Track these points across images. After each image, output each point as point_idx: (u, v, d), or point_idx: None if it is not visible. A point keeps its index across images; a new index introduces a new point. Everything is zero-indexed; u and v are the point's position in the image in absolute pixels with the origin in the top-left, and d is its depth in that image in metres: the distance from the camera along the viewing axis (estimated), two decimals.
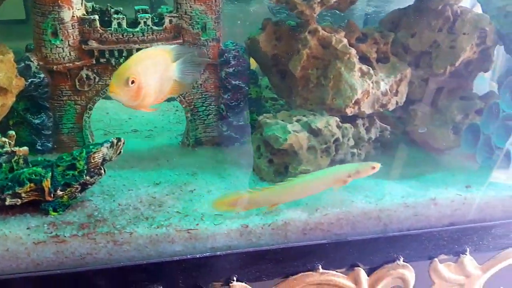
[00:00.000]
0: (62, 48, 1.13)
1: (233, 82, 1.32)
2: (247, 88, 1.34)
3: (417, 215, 1.13)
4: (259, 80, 1.47)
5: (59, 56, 1.13)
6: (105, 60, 1.19)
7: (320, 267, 1.07)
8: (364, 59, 1.34)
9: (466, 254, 1.16)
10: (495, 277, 1.23)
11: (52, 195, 0.95)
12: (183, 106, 1.32)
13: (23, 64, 1.12)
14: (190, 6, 1.19)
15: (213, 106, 1.37)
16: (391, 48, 1.40)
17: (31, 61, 1.12)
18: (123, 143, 1.00)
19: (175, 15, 1.20)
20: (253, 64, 1.42)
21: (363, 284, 1.11)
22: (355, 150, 1.31)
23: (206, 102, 1.36)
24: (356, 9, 1.70)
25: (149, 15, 1.18)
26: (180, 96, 1.31)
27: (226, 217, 1.03)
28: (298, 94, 1.33)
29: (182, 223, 1.00)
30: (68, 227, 0.96)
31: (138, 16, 1.17)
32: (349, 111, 1.28)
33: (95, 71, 1.20)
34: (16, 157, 0.97)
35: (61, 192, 0.95)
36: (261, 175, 1.23)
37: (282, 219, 1.05)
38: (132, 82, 0.92)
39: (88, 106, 1.23)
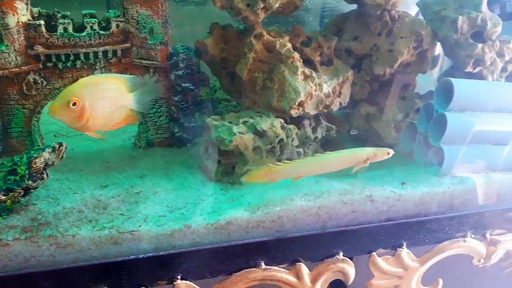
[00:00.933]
0: (8, 54, 1.13)
1: (183, 84, 1.36)
2: (196, 90, 1.38)
3: (354, 212, 1.19)
4: (210, 82, 1.50)
5: (5, 61, 1.14)
6: (52, 64, 1.20)
7: (262, 263, 1.13)
8: (308, 62, 1.40)
9: (402, 248, 1.23)
10: (433, 269, 1.30)
11: None
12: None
13: None
14: (137, 11, 1.22)
15: (164, 108, 1.40)
16: (335, 51, 1.46)
17: None
18: (65, 147, 1.02)
19: (121, 19, 1.22)
20: None
21: (305, 279, 1.17)
22: (300, 149, 1.37)
23: (156, 104, 1.39)
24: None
25: (95, 19, 1.20)
26: None
27: (169, 218, 1.07)
28: (246, 96, 1.38)
29: (125, 225, 1.03)
30: (11, 231, 0.97)
31: (84, 20, 1.19)
32: (294, 113, 1.33)
33: (42, 75, 1.21)
34: None
35: (3, 197, 0.97)
36: (209, 175, 1.27)
37: (225, 219, 1.09)
38: (74, 104, 0.95)
39: (36, 110, 1.24)
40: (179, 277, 1.06)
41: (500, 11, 1.53)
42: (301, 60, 1.34)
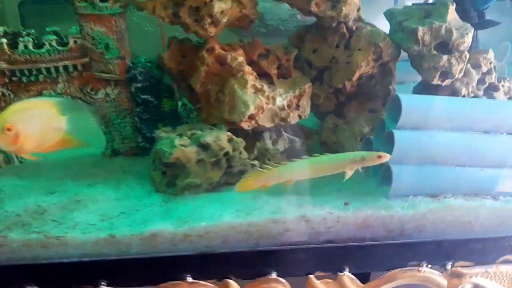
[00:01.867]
0: None
1: (142, 96, 1.41)
2: (156, 102, 1.43)
3: (288, 231, 1.16)
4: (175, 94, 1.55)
5: None
6: (17, 79, 1.31)
7: (189, 277, 1.14)
8: (265, 75, 1.40)
9: (344, 273, 1.18)
10: None
11: None
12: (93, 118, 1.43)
13: None
14: (91, 28, 1.29)
15: (129, 119, 1.46)
16: (298, 63, 1.44)
17: None
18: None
19: (78, 36, 1.30)
20: None
21: None
22: (255, 162, 1.36)
23: (121, 115, 1.45)
24: None
25: (53, 37, 1.29)
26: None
27: (98, 227, 1.12)
28: (203, 108, 1.40)
29: (54, 230, 1.09)
30: None
31: (43, 38, 1.28)
32: (246, 125, 1.33)
33: (9, 88, 1.32)
34: None
35: None
36: (155, 186, 1.31)
37: (150, 230, 1.11)
38: (8, 129, 1.04)
39: None
40: (104, 283, 1.12)
41: (478, 19, 1.41)
42: (254, 74, 1.34)
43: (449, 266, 1.21)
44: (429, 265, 1.21)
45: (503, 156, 1.22)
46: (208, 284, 1.15)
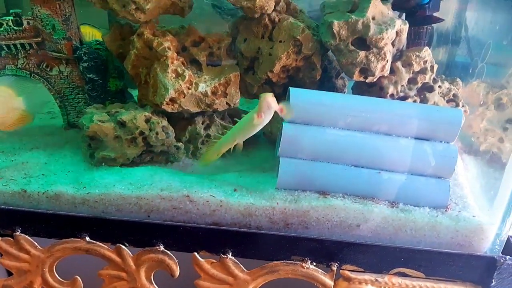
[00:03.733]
0: None
1: (88, 75, 1.55)
2: (101, 81, 1.56)
3: (175, 208, 1.23)
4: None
5: None
6: None
7: (87, 237, 1.26)
8: (195, 61, 1.45)
9: (227, 256, 1.22)
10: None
11: None
12: (51, 93, 1.60)
13: None
14: (39, 11, 1.44)
15: (81, 95, 1.61)
16: (232, 52, 1.47)
17: None
18: None
19: (30, 18, 1.47)
20: None
21: (128, 261, 1.27)
22: (180, 144, 1.44)
23: (74, 92, 1.61)
24: None
25: (10, 17, 1.46)
26: (49, 85, 1.58)
27: (17, 182, 1.29)
28: (138, 90, 1.50)
29: None
30: None
31: (1, 19, 1.47)
32: (169, 108, 1.40)
33: None
34: None
35: None
36: (83, 156, 1.44)
37: (53, 190, 1.26)
38: None
39: None
40: (18, 230, 1.28)
41: (417, 14, 1.32)
42: (180, 59, 1.41)
43: (334, 267, 1.19)
44: (314, 263, 1.20)
45: (402, 160, 1.16)
46: (104, 245, 1.26)
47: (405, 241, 1.17)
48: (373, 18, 1.25)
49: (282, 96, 1.51)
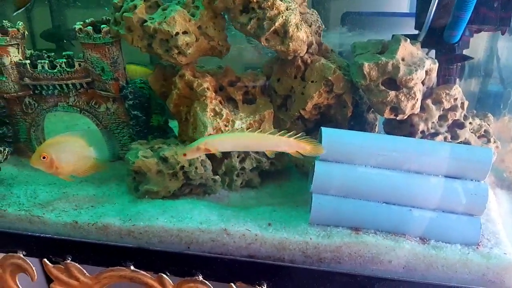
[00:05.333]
0: (8, 83, 1.63)
1: (133, 112, 1.66)
2: (144, 117, 1.67)
3: (213, 241, 1.30)
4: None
5: (7, 88, 1.64)
6: (39, 91, 1.66)
7: (132, 265, 1.35)
8: (232, 100, 1.54)
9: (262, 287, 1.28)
10: None
11: None
12: (99, 128, 1.72)
13: None
14: (90, 54, 1.58)
15: (126, 130, 1.73)
16: (266, 90, 1.56)
17: None
18: (8, 151, 1.47)
19: (81, 60, 1.60)
20: None
21: None
22: (217, 177, 1.52)
23: (119, 126, 1.73)
24: None
25: (63, 60, 1.61)
26: (97, 121, 1.71)
27: (69, 213, 1.40)
28: (178, 126, 1.60)
29: (35, 211, 1.41)
30: None
31: (55, 61, 1.61)
32: None
33: (34, 99, 1.68)
34: None
35: None
36: (128, 188, 1.55)
37: (102, 222, 1.36)
38: (44, 157, 1.39)
39: (32, 124, 1.72)
40: (69, 258, 1.39)
41: (449, 53, 1.36)
42: (218, 98, 1.50)
43: None
44: None
45: (432, 198, 1.19)
46: (147, 274, 1.35)
47: (437, 277, 1.19)
48: (403, 59, 1.31)
49: (313, 131, 1.58)
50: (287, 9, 1.35)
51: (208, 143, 1.26)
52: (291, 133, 1.23)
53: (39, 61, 1.61)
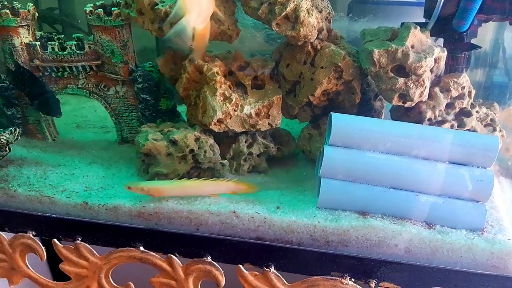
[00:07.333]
0: None
1: (142, 96, 1.67)
2: (153, 101, 1.68)
3: (222, 223, 1.32)
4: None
5: None
6: (48, 73, 1.67)
7: (141, 246, 1.37)
8: (241, 85, 1.55)
9: (270, 269, 1.30)
10: None
11: None
12: (108, 111, 1.74)
13: None
14: (100, 37, 1.59)
15: (134, 113, 1.74)
16: (274, 75, 1.57)
17: None
18: (18, 132, 1.48)
19: (91, 43, 1.61)
20: None
21: (178, 270, 1.37)
22: (225, 161, 1.54)
23: (128, 110, 1.74)
24: None
25: (73, 42, 1.61)
26: (106, 104, 1.72)
27: (79, 195, 1.41)
28: (187, 110, 1.61)
29: (46, 191, 1.43)
30: None
31: (65, 43, 1.62)
32: (216, 128, 1.50)
33: (43, 80, 1.70)
34: None
35: None
36: (137, 171, 1.56)
37: (112, 203, 1.38)
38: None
39: None
40: (79, 239, 1.41)
41: (456, 42, 1.37)
42: (227, 83, 1.51)
43: (372, 284, 1.25)
44: (352, 279, 1.26)
45: (439, 184, 1.21)
46: (156, 255, 1.37)
47: (442, 261, 1.22)
48: (412, 47, 1.32)
49: (322, 117, 1.59)
50: None
51: (151, 189, 1.35)
52: (228, 179, 1.40)
53: (49, 43, 1.62)
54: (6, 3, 1.61)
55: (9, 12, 1.56)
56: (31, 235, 1.44)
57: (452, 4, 1.39)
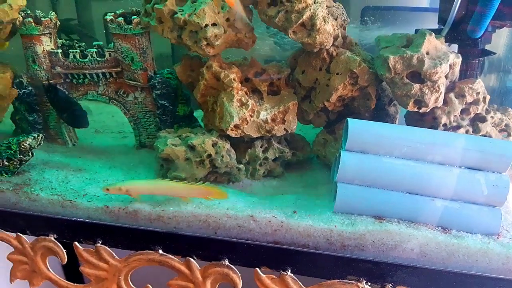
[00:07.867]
0: (40, 71, 1.69)
1: (160, 102, 1.71)
2: (171, 107, 1.72)
3: (240, 227, 1.35)
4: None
5: (39, 76, 1.71)
6: (69, 80, 1.72)
7: (160, 249, 1.40)
8: (257, 91, 1.58)
9: (286, 273, 1.32)
10: None
11: (2, 164, 1.52)
12: (126, 117, 1.78)
13: (17, 80, 1.72)
14: (120, 45, 1.63)
15: (152, 119, 1.78)
16: (290, 82, 1.59)
17: (23, 78, 1.72)
18: (41, 137, 1.53)
19: (111, 50, 1.65)
20: None
21: (196, 273, 1.40)
22: (241, 166, 1.57)
23: (146, 115, 1.78)
24: None
25: (94, 50, 1.66)
26: (125, 109, 1.77)
27: (100, 198, 1.45)
28: (204, 115, 1.65)
29: (68, 195, 1.46)
30: (7, 184, 1.51)
31: (86, 50, 1.66)
32: (233, 134, 1.53)
33: (64, 87, 1.74)
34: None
35: (7, 163, 1.52)
36: (156, 175, 1.60)
37: (132, 207, 1.41)
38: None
39: None
40: (99, 242, 1.45)
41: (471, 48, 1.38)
42: (243, 89, 1.54)
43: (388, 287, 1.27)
44: (369, 283, 1.28)
45: (455, 188, 1.22)
46: (174, 258, 1.40)
47: (458, 266, 1.23)
48: (427, 53, 1.34)
49: (336, 122, 1.61)
50: (314, 2, 1.38)
51: (129, 188, 1.40)
52: (200, 182, 1.44)
53: (70, 50, 1.67)
54: (29, 12, 1.67)
55: (32, 21, 1.62)
56: (53, 238, 1.48)
57: (466, 10, 1.41)
